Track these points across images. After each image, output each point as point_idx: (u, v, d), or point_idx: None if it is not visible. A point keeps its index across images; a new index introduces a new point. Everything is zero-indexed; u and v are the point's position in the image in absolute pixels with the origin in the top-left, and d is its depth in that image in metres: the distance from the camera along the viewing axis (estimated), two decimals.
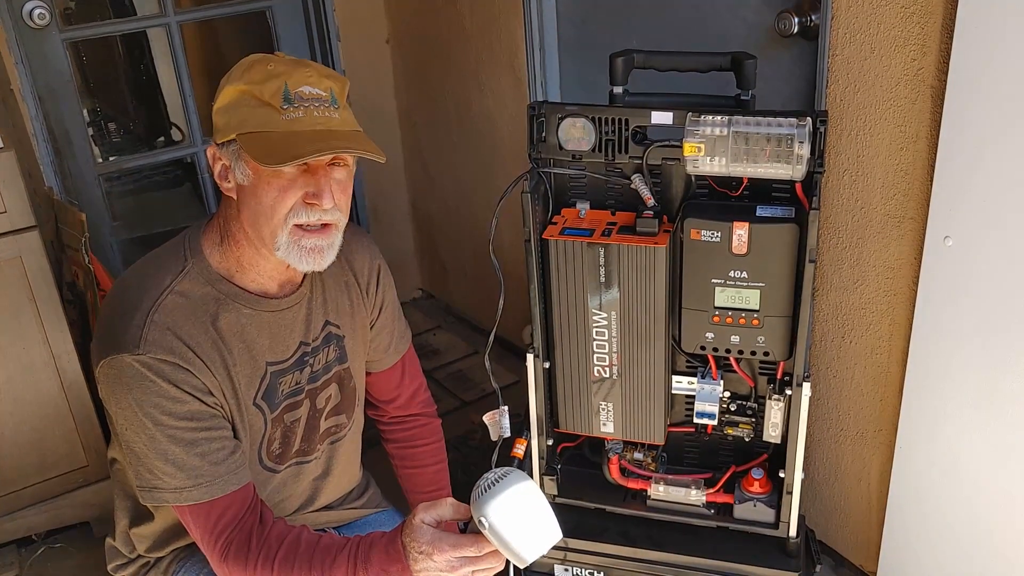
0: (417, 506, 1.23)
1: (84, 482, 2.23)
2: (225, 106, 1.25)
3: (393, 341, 1.59)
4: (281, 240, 1.26)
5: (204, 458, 1.26)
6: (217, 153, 1.28)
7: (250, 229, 1.28)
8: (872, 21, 1.57)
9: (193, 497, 1.27)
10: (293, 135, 1.20)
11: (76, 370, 2.13)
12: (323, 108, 1.23)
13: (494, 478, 1.14)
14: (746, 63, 1.47)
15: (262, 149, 1.20)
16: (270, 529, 1.29)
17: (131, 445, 1.27)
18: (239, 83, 1.23)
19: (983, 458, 1.63)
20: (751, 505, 1.67)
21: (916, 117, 1.56)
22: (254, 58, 1.26)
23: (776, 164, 1.40)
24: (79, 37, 2.63)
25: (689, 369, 1.65)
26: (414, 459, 1.70)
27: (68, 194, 2.56)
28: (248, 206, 1.27)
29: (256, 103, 1.21)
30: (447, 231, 3.17)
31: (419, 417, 1.69)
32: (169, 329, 1.24)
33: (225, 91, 1.25)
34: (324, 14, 2.87)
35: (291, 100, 1.21)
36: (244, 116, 1.22)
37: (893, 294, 1.70)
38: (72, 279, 2.34)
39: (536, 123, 1.54)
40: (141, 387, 1.23)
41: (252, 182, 1.25)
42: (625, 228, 1.53)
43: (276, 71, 1.22)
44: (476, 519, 1.14)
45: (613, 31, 2.23)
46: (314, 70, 1.24)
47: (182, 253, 1.32)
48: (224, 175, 1.28)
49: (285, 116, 1.21)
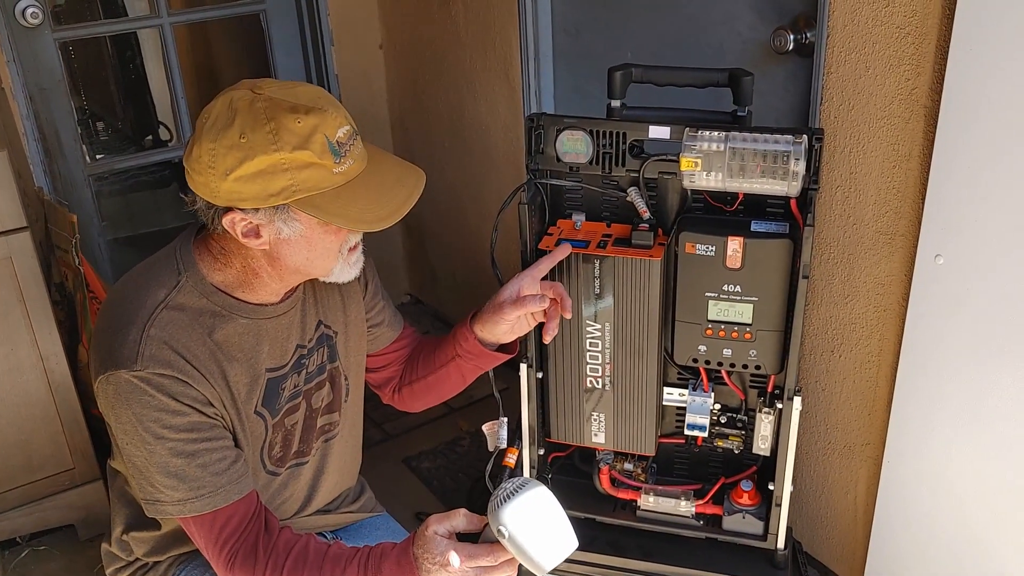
0: (428, 518, 1.23)
1: (70, 484, 2.22)
2: (253, 174, 1.15)
3: (391, 311, 1.59)
4: (335, 268, 1.29)
5: (205, 469, 1.26)
6: (240, 216, 1.20)
7: (290, 271, 1.28)
8: (867, 40, 1.59)
9: (196, 508, 1.26)
10: (351, 185, 1.20)
11: (64, 372, 2.12)
12: (357, 142, 1.22)
13: (512, 488, 1.15)
14: (743, 80, 1.48)
15: (340, 212, 1.18)
16: (277, 537, 1.29)
17: (132, 459, 1.26)
18: (275, 151, 1.14)
19: (969, 474, 1.65)
20: (740, 517, 1.68)
21: (909, 136, 1.58)
22: (256, 110, 1.15)
23: (771, 180, 1.41)
24: (71, 37, 2.62)
25: (680, 381, 1.66)
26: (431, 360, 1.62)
27: (58, 194, 2.55)
28: (294, 255, 1.24)
29: (301, 165, 1.15)
30: (437, 237, 3.17)
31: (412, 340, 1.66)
32: (166, 343, 1.23)
33: (255, 161, 1.15)
34: (318, 18, 2.87)
35: (338, 152, 1.18)
36: (290, 181, 1.16)
37: (883, 310, 1.72)
38: (61, 280, 2.33)
39: (534, 135, 1.55)
40: (140, 402, 1.22)
41: (303, 235, 1.22)
42: (620, 240, 1.54)
43: (309, 125, 1.15)
44: (495, 528, 1.15)
45: (608, 42, 2.24)
46: (330, 105, 1.19)
47: (175, 266, 1.29)
48: (253, 233, 1.22)
49: (337, 170, 1.18)
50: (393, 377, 1.63)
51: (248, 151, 1.14)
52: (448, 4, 2.65)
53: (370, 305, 1.54)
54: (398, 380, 1.63)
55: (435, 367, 1.57)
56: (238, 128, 1.15)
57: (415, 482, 2.51)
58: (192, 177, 1.21)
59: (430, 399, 1.64)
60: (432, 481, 2.51)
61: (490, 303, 1.48)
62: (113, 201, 3.61)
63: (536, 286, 1.47)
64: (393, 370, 1.62)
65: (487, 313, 1.48)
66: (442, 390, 1.61)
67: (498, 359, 1.53)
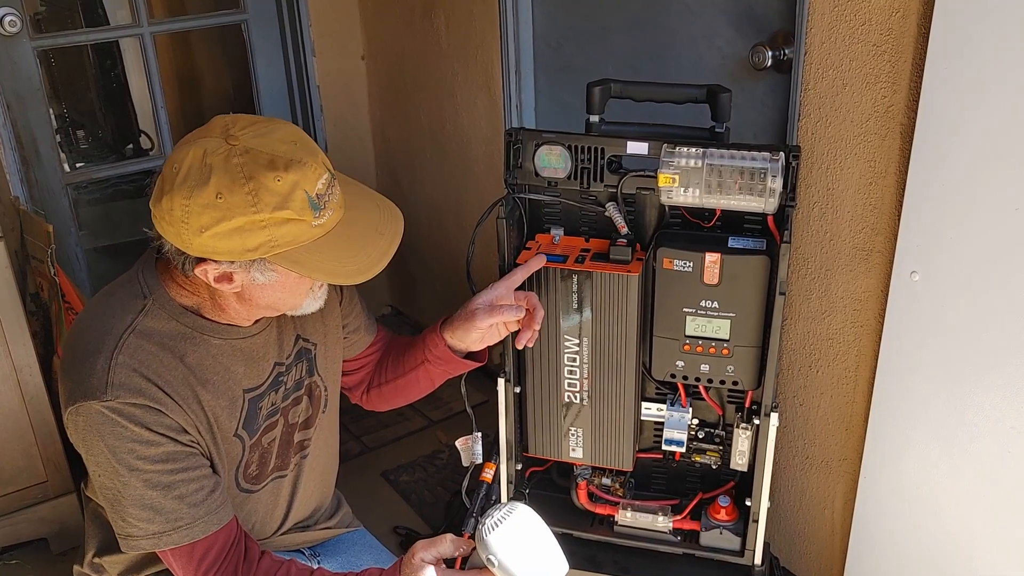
0: (415, 544, 1.22)
1: (43, 497, 2.19)
2: (230, 231, 1.12)
3: (366, 316, 1.58)
4: (305, 303, 1.28)
5: (182, 500, 1.23)
6: (215, 266, 1.18)
7: (260, 308, 1.26)
8: (844, 57, 1.60)
9: (173, 541, 1.23)
10: (329, 239, 1.18)
11: (38, 383, 2.10)
12: (335, 191, 1.19)
13: (500, 514, 1.15)
14: (721, 96, 1.48)
15: (318, 265, 1.16)
16: (257, 566, 1.27)
17: (105, 492, 1.23)
18: (254, 213, 1.11)
19: (946, 489, 1.66)
20: (717, 532, 1.68)
21: (885, 153, 1.58)
22: (231, 166, 1.11)
23: (749, 197, 1.41)
24: (50, 46, 2.61)
25: (658, 396, 1.66)
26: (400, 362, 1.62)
27: (34, 203, 2.52)
28: (266, 297, 1.23)
29: (280, 222, 1.13)
30: (418, 248, 3.16)
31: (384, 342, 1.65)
32: (135, 370, 1.19)
33: (234, 222, 1.11)
34: (299, 29, 2.87)
35: (318, 205, 1.15)
36: (268, 237, 1.13)
37: (860, 326, 1.73)
38: (36, 290, 2.30)
39: (513, 149, 1.54)
40: (112, 433, 1.18)
41: (279, 281, 1.20)
42: (599, 255, 1.54)
43: (289, 183, 1.12)
44: (484, 556, 1.14)
45: (589, 56, 2.25)
46: (308, 154, 1.15)
47: (140, 290, 1.25)
48: (226, 279, 1.20)
49: (316, 223, 1.16)
50: (364, 380, 1.62)
51: (226, 212, 1.11)
52: (430, 16, 2.66)
53: (346, 312, 1.53)
54: (368, 383, 1.62)
55: (404, 370, 1.56)
56: (214, 188, 1.11)
57: (393, 496, 2.49)
58: (162, 225, 1.17)
59: (398, 401, 1.64)
60: (410, 495, 2.49)
61: (462, 310, 1.48)
62: (92, 210, 3.58)
63: (511, 296, 1.47)
64: (365, 373, 1.62)
65: (459, 320, 1.47)
66: (410, 393, 1.61)
67: (467, 366, 1.53)
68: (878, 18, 1.53)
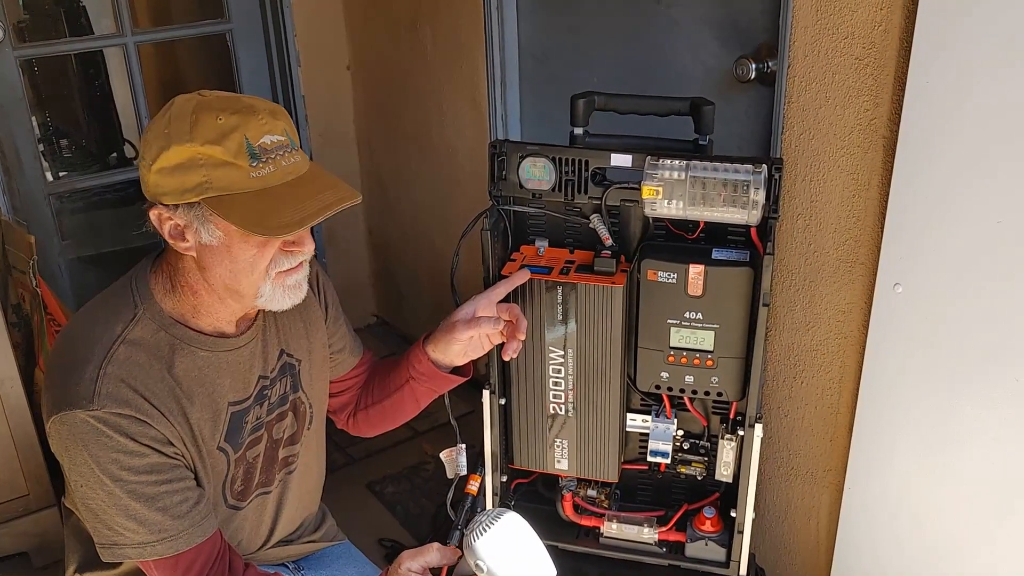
0: (401, 554, 1.21)
1: (24, 511, 2.17)
2: (172, 167, 1.14)
3: (351, 336, 1.57)
4: (265, 290, 1.23)
5: (166, 512, 1.22)
6: (165, 214, 1.18)
7: (220, 286, 1.23)
8: (827, 71, 1.61)
9: (157, 552, 1.23)
10: (268, 193, 1.15)
11: (19, 395, 2.08)
12: (287, 154, 1.18)
13: (488, 520, 1.14)
14: (704, 109, 1.49)
15: (245, 215, 1.14)
16: None
17: (88, 502, 1.22)
18: (188, 142, 1.13)
19: (930, 500, 1.66)
20: (702, 544, 1.68)
21: (868, 166, 1.59)
22: (187, 106, 1.16)
23: (732, 209, 1.42)
24: (33, 55, 2.60)
25: (643, 407, 1.66)
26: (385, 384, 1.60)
27: (16, 213, 2.51)
28: (218, 265, 1.21)
29: (216, 163, 1.13)
30: (404, 258, 3.16)
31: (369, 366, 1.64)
32: (123, 381, 1.19)
33: (171, 151, 1.14)
34: (284, 39, 2.86)
35: (258, 155, 1.14)
36: (204, 177, 1.14)
37: (844, 337, 1.74)
38: (18, 301, 2.28)
39: (497, 161, 1.54)
40: (97, 443, 1.17)
41: (223, 242, 1.18)
42: (583, 267, 1.54)
43: (229, 124, 1.13)
44: (472, 562, 1.14)
45: (574, 68, 2.25)
46: (264, 112, 1.17)
47: (131, 299, 1.25)
48: (179, 235, 1.19)
49: (254, 174, 1.15)
50: (349, 403, 1.61)
51: (166, 141, 1.14)
52: (416, 27, 2.66)
53: (332, 331, 1.52)
54: (353, 406, 1.61)
55: (390, 391, 1.56)
56: (166, 119, 1.16)
57: (379, 508, 2.48)
58: (140, 175, 1.21)
59: (385, 424, 1.63)
60: (396, 506, 2.48)
61: (444, 323, 1.47)
62: (75, 219, 3.55)
63: (492, 308, 1.46)
64: (350, 396, 1.61)
65: (440, 333, 1.47)
66: (396, 415, 1.60)
67: (452, 381, 1.52)
68: (861, 32, 1.54)
